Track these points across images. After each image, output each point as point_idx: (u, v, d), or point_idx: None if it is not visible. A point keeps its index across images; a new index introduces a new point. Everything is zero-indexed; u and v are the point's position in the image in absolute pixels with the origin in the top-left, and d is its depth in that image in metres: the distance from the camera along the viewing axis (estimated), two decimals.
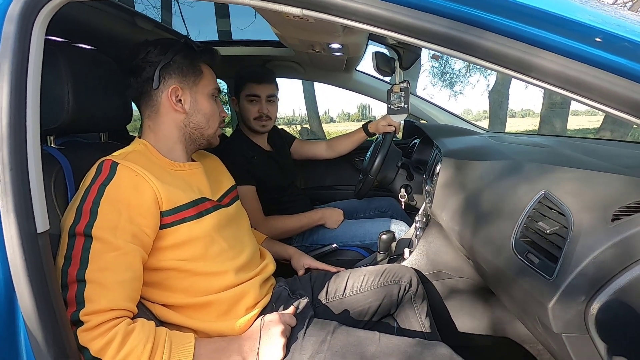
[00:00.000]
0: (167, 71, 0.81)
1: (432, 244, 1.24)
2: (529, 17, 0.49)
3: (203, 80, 0.86)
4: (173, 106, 0.82)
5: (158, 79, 0.80)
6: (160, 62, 0.80)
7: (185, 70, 0.83)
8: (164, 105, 0.82)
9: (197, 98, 0.85)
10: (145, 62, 0.80)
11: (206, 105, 0.86)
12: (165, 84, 0.82)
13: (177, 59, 0.82)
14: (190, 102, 0.84)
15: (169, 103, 0.82)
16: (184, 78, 0.83)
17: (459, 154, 1.14)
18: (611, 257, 0.51)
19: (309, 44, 1.32)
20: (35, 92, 0.59)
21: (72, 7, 0.61)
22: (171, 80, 0.82)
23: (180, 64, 0.82)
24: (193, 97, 0.85)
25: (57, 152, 0.78)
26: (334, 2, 0.53)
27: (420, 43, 0.53)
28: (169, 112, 0.83)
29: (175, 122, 0.84)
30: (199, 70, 0.86)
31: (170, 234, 0.75)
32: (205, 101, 0.86)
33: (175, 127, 0.84)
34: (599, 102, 0.49)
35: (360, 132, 1.59)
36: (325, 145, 1.69)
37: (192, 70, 0.84)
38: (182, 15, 2.11)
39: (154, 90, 0.81)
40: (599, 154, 0.90)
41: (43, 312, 0.55)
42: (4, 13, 0.57)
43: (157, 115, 0.83)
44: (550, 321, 0.55)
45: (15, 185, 0.54)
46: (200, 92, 0.86)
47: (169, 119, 0.83)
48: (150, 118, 0.84)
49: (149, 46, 0.81)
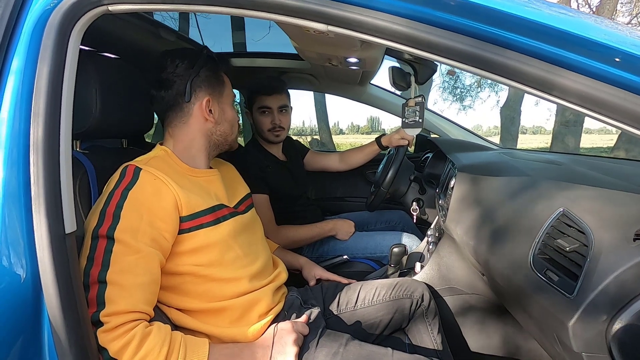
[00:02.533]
0: (197, 84, 0.84)
1: (445, 258, 1.23)
2: (550, 36, 0.50)
3: (226, 90, 0.90)
4: (205, 117, 0.85)
5: (190, 93, 0.83)
6: (190, 75, 0.83)
7: (212, 81, 0.86)
8: (195, 116, 0.85)
9: (224, 107, 0.89)
10: (175, 76, 0.83)
11: (231, 114, 0.91)
12: (197, 97, 0.84)
13: (204, 72, 0.85)
14: (219, 112, 0.88)
15: (201, 114, 0.85)
16: (212, 90, 0.86)
17: (473, 169, 1.14)
18: (633, 277, 0.50)
19: (326, 57, 1.34)
20: (69, 98, 0.61)
21: (101, 18, 0.64)
22: (202, 92, 0.85)
23: (208, 76, 0.86)
24: (220, 107, 0.88)
25: (83, 156, 0.81)
26: (359, 20, 0.54)
27: (442, 60, 0.54)
28: (198, 122, 0.86)
29: (204, 131, 0.87)
30: (222, 80, 0.89)
31: (188, 239, 0.76)
32: (230, 110, 0.90)
33: (203, 136, 0.87)
34: (619, 120, 0.49)
35: (374, 145, 1.58)
36: (338, 157, 1.70)
37: (217, 81, 0.88)
38: (198, 26, 2.16)
39: (185, 102, 0.84)
40: (615, 172, 0.89)
41: (68, 312, 0.56)
42: (44, 22, 0.60)
43: (185, 125, 0.85)
44: (571, 340, 0.55)
45: (47, 187, 0.56)
46: (225, 102, 0.90)
47: (197, 129, 0.86)
48: (177, 127, 0.86)
49: (175, 59, 0.84)
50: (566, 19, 0.55)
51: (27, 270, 0.57)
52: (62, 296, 0.56)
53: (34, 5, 0.62)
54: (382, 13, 0.54)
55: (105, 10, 0.61)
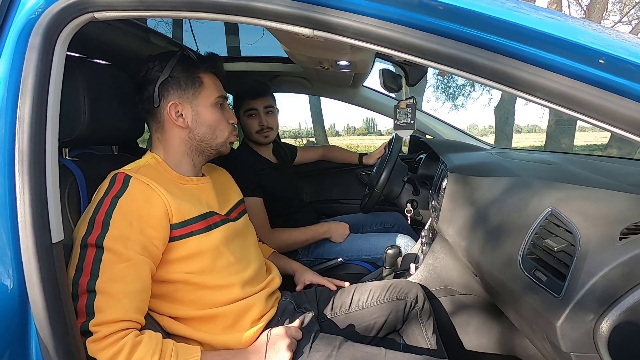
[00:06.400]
0: (165, 87, 0.81)
1: (439, 259, 1.24)
2: (535, 40, 0.51)
3: (204, 91, 0.84)
4: (174, 122, 0.82)
5: (158, 97, 0.81)
6: (158, 79, 0.81)
7: (183, 84, 0.82)
8: (167, 121, 0.83)
9: (199, 110, 0.84)
10: (145, 80, 0.82)
11: (209, 116, 0.85)
12: (165, 101, 0.82)
13: (174, 74, 0.82)
14: (192, 116, 0.83)
15: (170, 119, 0.82)
16: (183, 92, 0.82)
17: (465, 169, 1.14)
18: (619, 276, 0.51)
19: (317, 61, 1.34)
20: (56, 105, 0.61)
21: (89, 25, 0.64)
22: (170, 96, 0.82)
23: (177, 79, 0.82)
24: (194, 110, 0.83)
25: (72, 163, 0.80)
26: (344, 24, 0.55)
27: (429, 64, 0.55)
28: (172, 128, 0.84)
29: (180, 136, 0.84)
30: (199, 81, 0.84)
31: (179, 246, 0.76)
32: (207, 112, 0.84)
33: (182, 142, 0.84)
34: (602, 121, 0.49)
35: (355, 157, 1.85)
36: (322, 150, 1.91)
37: (190, 83, 0.83)
38: (192, 31, 2.16)
39: (155, 107, 0.82)
40: (605, 171, 0.90)
41: (55, 322, 0.56)
42: (30, 29, 0.59)
43: (164, 131, 0.84)
44: (559, 340, 0.55)
45: (33, 196, 0.56)
46: (202, 104, 0.84)
47: (174, 134, 0.84)
48: (158, 133, 0.85)
49: (148, 62, 0.82)
50: (552, 23, 0.55)
51: (14, 281, 0.56)
52: (49, 307, 0.55)
53: (20, 12, 0.62)
54: (368, 17, 0.54)
55: (91, 18, 0.61)
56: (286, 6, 0.55)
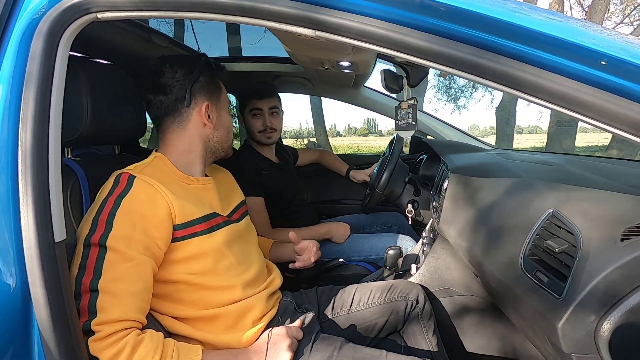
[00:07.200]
0: (196, 89, 0.85)
1: (440, 260, 1.24)
2: (537, 41, 0.51)
3: (223, 95, 0.91)
4: (204, 122, 0.86)
5: (190, 98, 0.83)
6: (190, 80, 0.83)
7: (211, 87, 0.87)
8: (194, 121, 0.85)
9: (221, 113, 0.90)
10: (175, 81, 0.83)
11: (228, 119, 0.92)
12: (196, 102, 0.85)
13: (202, 77, 0.86)
14: (217, 117, 0.88)
15: (200, 119, 0.85)
16: (211, 95, 0.87)
17: (466, 170, 1.14)
18: (621, 277, 0.51)
19: (318, 61, 1.35)
20: (59, 105, 0.61)
21: (92, 25, 0.64)
22: (201, 98, 0.85)
23: (206, 82, 0.86)
24: (218, 112, 0.89)
25: (74, 163, 0.81)
26: (346, 25, 0.55)
27: (431, 65, 0.55)
28: (196, 128, 0.86)
29: (202, 137, 0.87)
30: (219, 86, 0.90)
31: (181, 247, 0.76)
32: (226, 115, 0.91)
33: (201, 142, 0.87)
34: (604, 122, 0.49)
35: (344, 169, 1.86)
36: (318, 154, 1.94)
37: (214, 87, 0.89)
38: (194, 31, 2.16)
39: (185, 108, 0.84)
40: (606, 172, 0.90)
41: (57, 321, 0.56)
42: (33, 30, 0.60)
43: (183, 131, 0.85)
44: (560, 341, 0.55)
45: (36, 195, 0.56)
46: (223, 107, 0.90)
47: (195, 134, 0.86)
48: (174, 133, 0.86)
49: (174, 64, 0.84)
50: (554, 24, 0.56)
51: (16, 280, 0.56)
52: (51, 305, 0.55)
53: (23, 12, 0.62)
54: (370, 18, 0.54)
55: (94, 18, 0.61)
56: (288, 7, 0.55)
